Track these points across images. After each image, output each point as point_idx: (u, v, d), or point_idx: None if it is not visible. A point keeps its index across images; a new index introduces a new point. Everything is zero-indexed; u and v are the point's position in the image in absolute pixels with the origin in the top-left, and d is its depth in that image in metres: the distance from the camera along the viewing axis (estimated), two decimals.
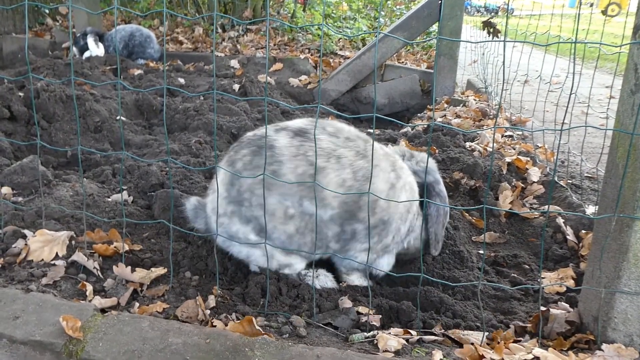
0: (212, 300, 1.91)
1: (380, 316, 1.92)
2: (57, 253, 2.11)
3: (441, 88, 5.20)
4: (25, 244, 2.14)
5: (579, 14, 2.08)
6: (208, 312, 1.84)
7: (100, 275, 2.05)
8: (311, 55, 6.43)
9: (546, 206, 2.77)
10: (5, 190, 2.60)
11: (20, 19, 7.12)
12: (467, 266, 2.35)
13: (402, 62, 6.50)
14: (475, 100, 4.86)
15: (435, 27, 6.01)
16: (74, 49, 5.93)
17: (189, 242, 2.37)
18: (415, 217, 2.18)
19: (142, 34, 6.13)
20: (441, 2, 4.98)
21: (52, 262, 2.08)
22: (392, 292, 2.15)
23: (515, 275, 2.31)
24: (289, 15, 8.16)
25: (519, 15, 5.63)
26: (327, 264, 2.21)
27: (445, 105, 4.89)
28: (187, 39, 7.18)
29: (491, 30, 3.76)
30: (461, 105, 4.76)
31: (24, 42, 6.53)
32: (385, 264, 2.19)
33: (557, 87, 3.58)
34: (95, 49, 5.88)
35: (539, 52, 7.90)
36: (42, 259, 2.08)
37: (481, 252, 2.50)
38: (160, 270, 2.09)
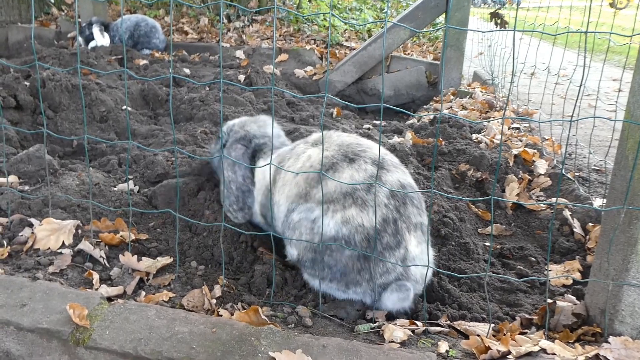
0: (218, 290, 1.91)
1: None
2: (63, 242, 2.12)
3: (447, 80, 5.17)
4: (32, 233, 2.14)
5: (590, 6, 2.06)
6: (214, 301, 1.84)
7: (107, 264, 2.05)
8: (317, 46, 6.40)
9: (553, 198, 2.76)
10: (12, 178, 2.61)
11: (26, 9, 7.11)
12: (473, 258, 2.34)
13: (408, 54, 6.47)
14: (481, 92, 4.83)
15: (441, 18, 5.97)
16: (80, 38, 5.92)
17: (195, 232, 2.38)
18: None
19: (147, 24, 6.11)
20: None
21: (59, 251, 2.08)
22: None
23: (522, 267, 2.30)
24: (295, 5, 8.12)
25: (527, 7, 5.59)
26: None
27: (452, 97, 4.86)
28: (193, 29, 7.16)
29: (499, 21, 3.73)
30: (467, 97, 4.73)
31: (30, 32, 6.53)
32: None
33: (564, 80, 3.55)
34: (101, 39, 5.87)
35: (546, 44, 7.85)
36: (49, 248, 2.09)
37: (487, 244, 2.49)
38: (166, 260, 2.09)
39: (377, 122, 4.29)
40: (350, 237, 1.82)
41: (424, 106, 5.10)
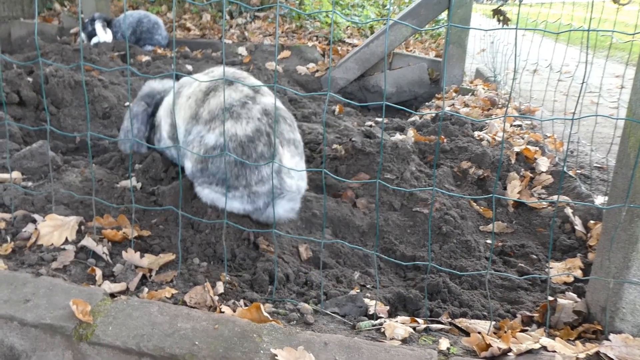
0: (220, 287, 1.92)
1: (388, 307, 1.92)
2: (66, 238, 2.13)
3: (450, 77, 5.16)
4: (35, 229, 2.15)
5: (593, 2, 2.06)
6: (216, 298, 1.85)
7: (110, 261, 2.07)
8: (319, 43, 6.40)
9: (555, 196, 2.76)
10: (15, 174, 2.62)
11: (29, 4, 7.11)
12: (474, 256, 2.35)
13: (411, 51, 6.46)
14: (484, 89, 4.83)
15: (444, 15, 5.95)
16: (82, 34, 5.92)
17: (197, 229, 2.38)
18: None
19: (149, 21, 6.10)
20: None
21: (62, 247, 2.09)
22: (400, 279, 2.16)
23: (523, 265, 2.31)
24: (297, 2, 8.10)
25: (529, 4, 5.57)
26: None
27: (454, 94, 4.86)
28: (195, 25, 7.15)
29: (501, 18, 3.72)
30: (470, 94, 4.73)
31: (33, 28, 6.53)
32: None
33: (567, 77, 3.55)
34: (103, 35, 5.87)
35: (549, 41, 7.81)
36: (52, 244, 2.10)
37: (489, 241, 2.50)
38: (168, 256, 2.10)
39: (379, 120, 4.29)
40: (226, 146, 2.15)
41: (426, 103, 5.10)
